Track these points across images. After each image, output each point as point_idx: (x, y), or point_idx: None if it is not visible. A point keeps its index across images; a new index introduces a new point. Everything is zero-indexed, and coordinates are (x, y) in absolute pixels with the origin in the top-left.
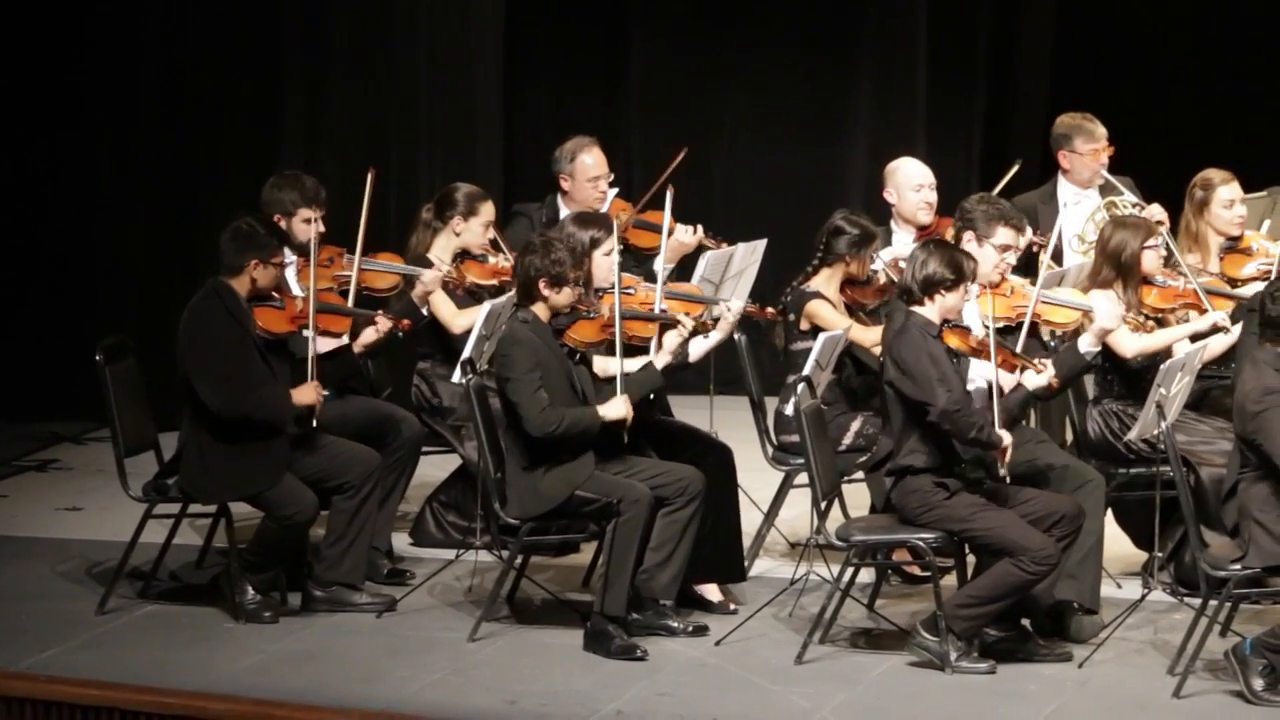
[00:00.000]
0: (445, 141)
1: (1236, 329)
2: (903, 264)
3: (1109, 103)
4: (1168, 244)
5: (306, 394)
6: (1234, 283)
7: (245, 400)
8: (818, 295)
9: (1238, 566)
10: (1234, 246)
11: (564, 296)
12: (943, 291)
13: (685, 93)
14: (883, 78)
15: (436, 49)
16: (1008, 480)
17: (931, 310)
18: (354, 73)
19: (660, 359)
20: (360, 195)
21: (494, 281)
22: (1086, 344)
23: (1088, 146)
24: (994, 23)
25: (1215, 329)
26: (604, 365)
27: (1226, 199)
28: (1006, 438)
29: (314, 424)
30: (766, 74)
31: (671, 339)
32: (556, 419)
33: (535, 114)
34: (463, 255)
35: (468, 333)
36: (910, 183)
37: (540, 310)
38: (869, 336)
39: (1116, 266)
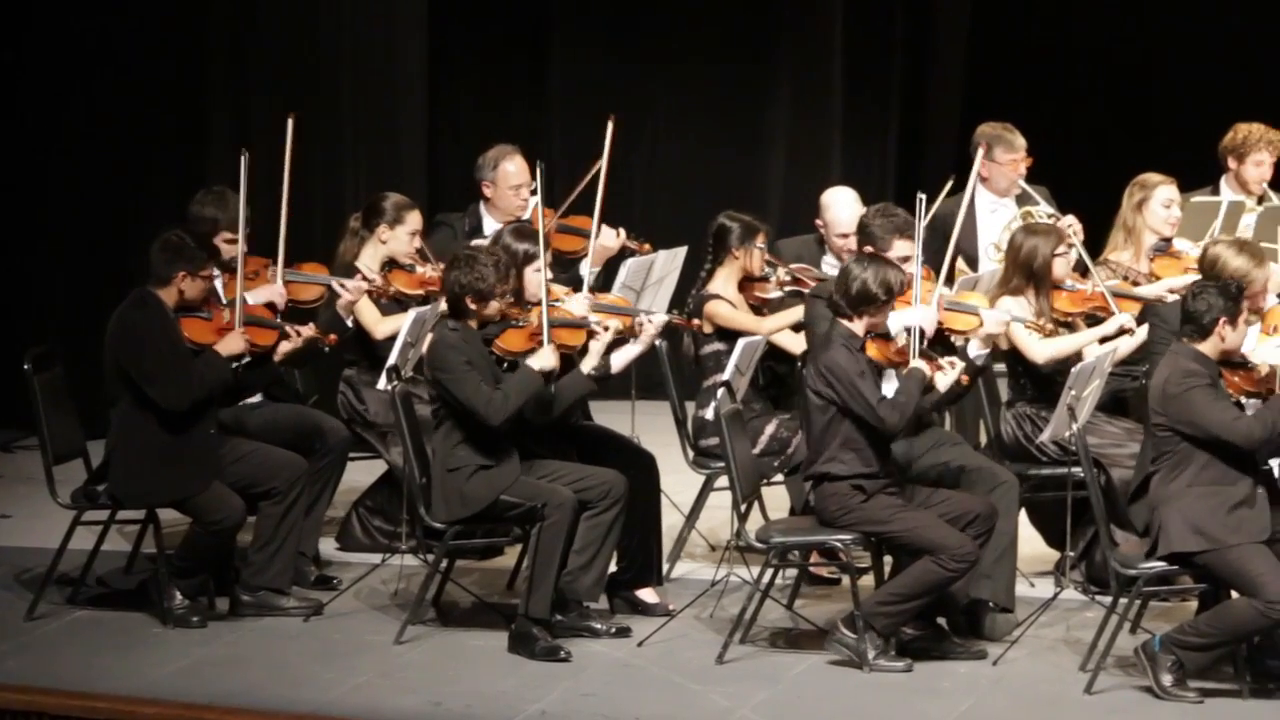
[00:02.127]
0: (370, 151)
1: (1143, 330)
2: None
3: (1021, 110)
4: (1079, 252)
5: (233, 342)
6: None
7: (184, 393)
8: (716, 296)
9: (1147, 565)
10: (1165, 250)
11: (490, 309)
12: (872, 311)
13: (606, 100)
14: (799, 85)
15: (360, 58)
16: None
17: (858, 325)
18: (278, 82)
19: (586, 364)
20: (278, 210)
21: (420, 291)
22: (974, 349)
23: (1007, 156)
24: (909, 30)
25: (1122, 331)
26: (534, 362)
27: (1165, 199)
28: (922, 366)
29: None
30: (686, 81)
31: (597, 345)
32: (503, 399)
33: (459, 122)
34: (390, 264)
35: (392, 340)
36: (838, 228)
37: (469, 320)
38: (795, 343)
39: (1028, 273)
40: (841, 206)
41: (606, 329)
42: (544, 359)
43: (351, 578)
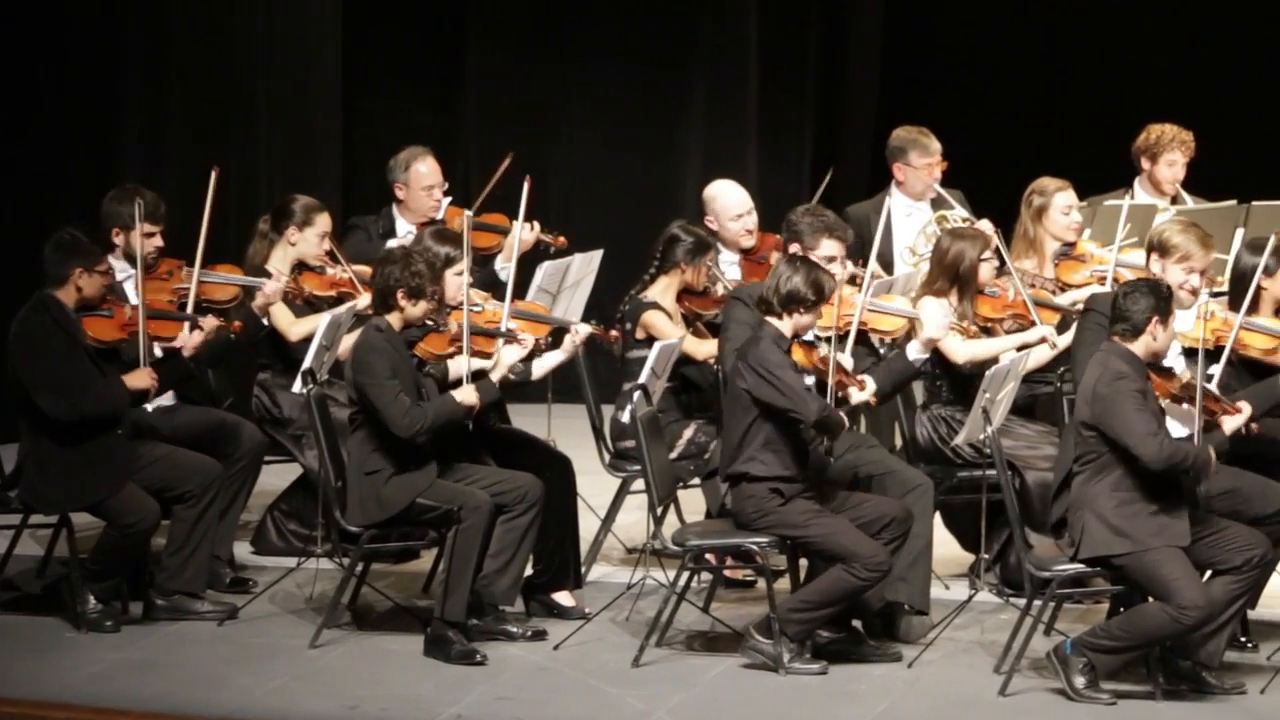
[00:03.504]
0: (284, 153)
1: (1065, 339)
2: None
3: (935, 113)
4: (1003, 256)
5: (140, 378)
6: (1067, 287)
7: (82, 401)
8: (654, 305)
9: (1061, 567)
10: (1068, 253)
11: (420, 309)
12: (801, 310)
13: (522, 102)
14: (715, 88)
15: (275, 60)
16: (833, 460)
17: (786, 325)
18: (193, 85)
19: (496, 372)
20: (200, 206)
21: (332, 293)
22: (914, 351)
23: (922, 160)
24: (823, 34)
25: (1043, 341)
26: (453, 367)
27: (1064, 205)
28: (843, 419)
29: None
30: (602, 85)
31: (512, 353)
32: (421, 416)
33: (374, 124)
34: (300, 266)
35: (307, 342)
36: (729, 212)
37: (394, 319)
38: (703, 349)
39: (954, 277)
40: (729, 191)
41: (522, 341)
42: (467, 395)
43: (266, 581)
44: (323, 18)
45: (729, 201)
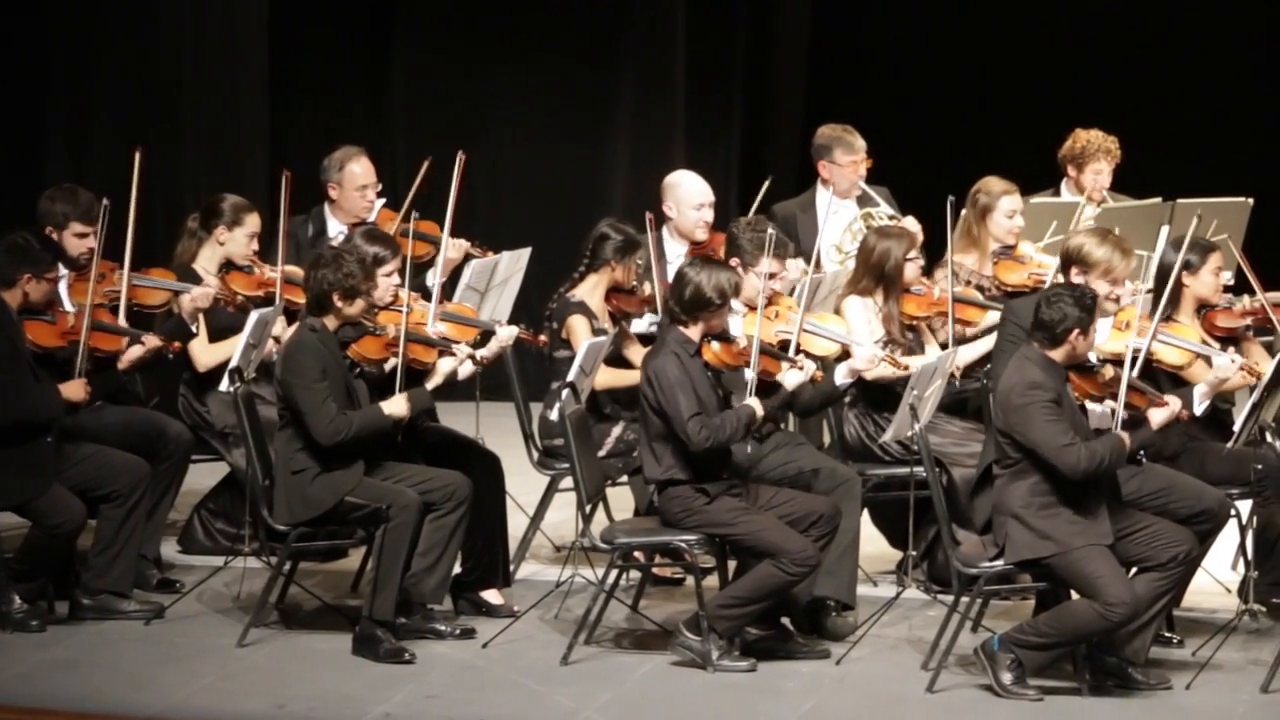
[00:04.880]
0: (211, 153)
1: (988, 341)
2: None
3: (861, 111)
4: (945, 261)
5: (75, 389)
6: (1004, 286)
7: (17, 406)
8: (581, 305)
9: (988, 564)
10: (1008, 254)
11: (356, 308)
12: (708, 315)
13: (449, 100)
14: (643, 88)
15: (201, 60)
16: (760, 444)
17: (694, 330)
18: (118, 86)
19: (431, 382)
20: (126, 206)
21: (260, 293)
22: (840, 376)
23: (847, 158)
24: (751, 34)
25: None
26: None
27: (1009, 209)
28: (758, 407)
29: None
30: (529, 83)
31: (446, 364)
32: (345, 425)
33: (301, 124)
34: (228, 266)
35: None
36: (691, 200)
37: (329, 321)
38: (612, 379)
39: (879, 276)
40: (691, 180)
41: (456, 354)
42: (398, 407)
43: (194, 580)
44: (249, 18)
45: (691, 190)
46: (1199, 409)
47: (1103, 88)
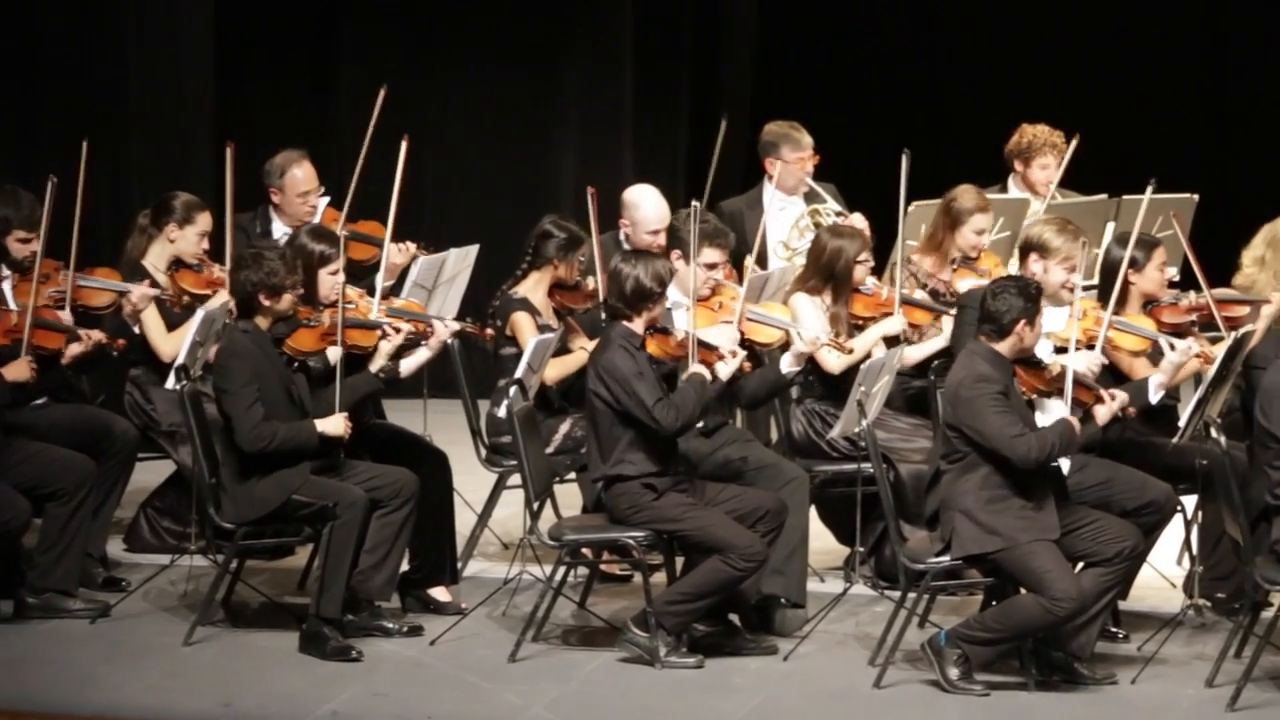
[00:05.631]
0: (158, 152)
1: (938, 340)
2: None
3: (808, 108)
4: (907, 258)
5: (19, 369)
6: (956, 294)
7: None
8: (524, 302)
9: (935, 559)
10: (969, 264)
11: (284, 303)
12: (650, 305)
13: (397, 98)
14: (589, 84)
15: (147, 60)
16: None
17: (638, 322)
18: (63, 84)
19: (374, 363)
20: (72, 204)
21: (208, 291)
22: (787, 364)
23: (794, 154)
24: (698, 31)
25: (905, 331)
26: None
27: (978, 227)
28: (702, 369)
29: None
30: (476, 79)
31: (387, 345)
32: (269, 434)
33: (248, 122)
34: (177, 264)
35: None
36: (648, 225)
37: (261, 320)
38: (553, 372)
39: (828, 275)
40: (648, 205)
41: (398, 330)
42: (334, 425)
43: (140, 579)
44: (195, 15)
45: (648, 215)
46: (1154, 398)
47: (1049, 83)
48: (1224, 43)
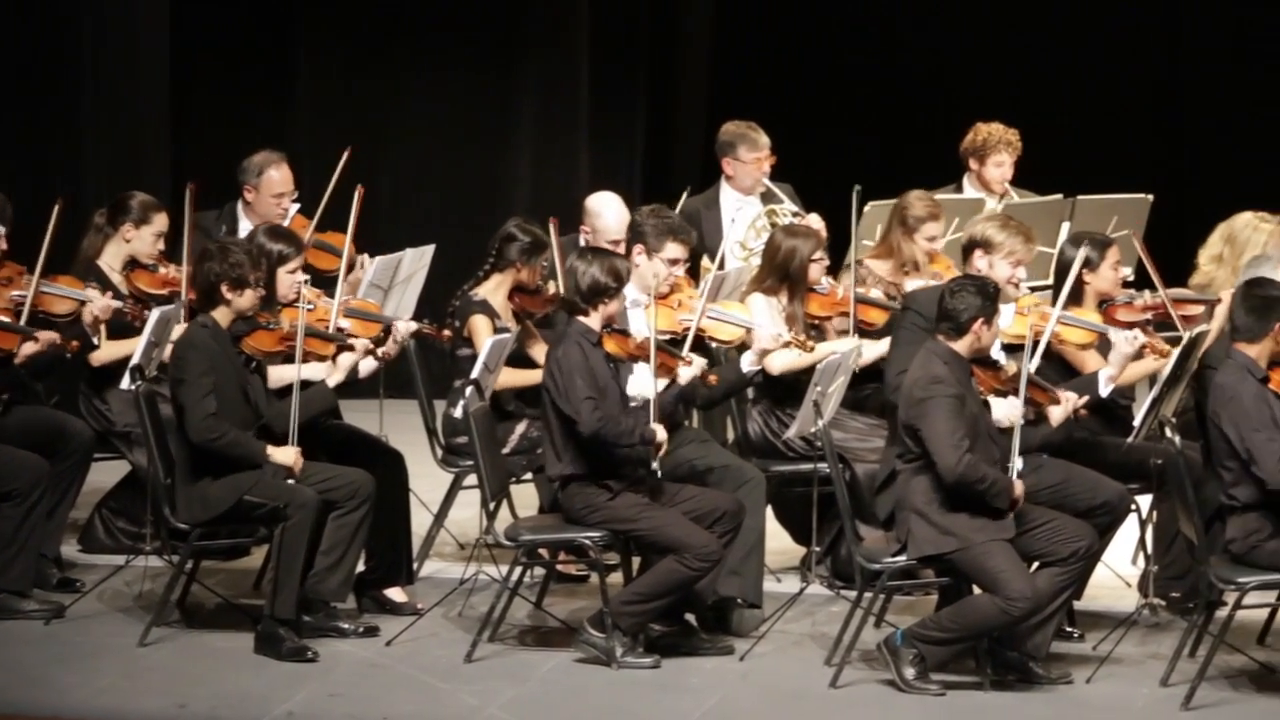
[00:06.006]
0: (111, 152)
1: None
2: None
3: (765, 108)
4: (859, 260)
5: None
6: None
7: None
8: (483, 304)
9: (891, 559)
10: (920, 269)
11: (246, 299)
12: (606, 300)
13: (354, 98)
14: (546, 86)
15: (102, 59)
16: (658, 474)
17: (594, 318)
18: (17, 83)
19: (334, 378)
20: (28, 210)
21: (164, 291)
22: (748, 363)
23: (751, 155)
24: (654, 32)
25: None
26: (279, 374)
27: (930, 234)
28: (661, 433)
29: None
30: (432, 82)
31: (346, 359)
32: (220, 430)
33: (203, 123)
34: (132, 263)
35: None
36: (607, 234)
37: (221, 315)
38: (515, 380)
39: (784, 275)
40: (610, 214)
41: (358, 346)
42: (285, 455)
43: (94, 580)
44: (151, 14)
45: (610, 224)
46: (1104, 390)
47: (1004, 83)
48: (1179, 43)
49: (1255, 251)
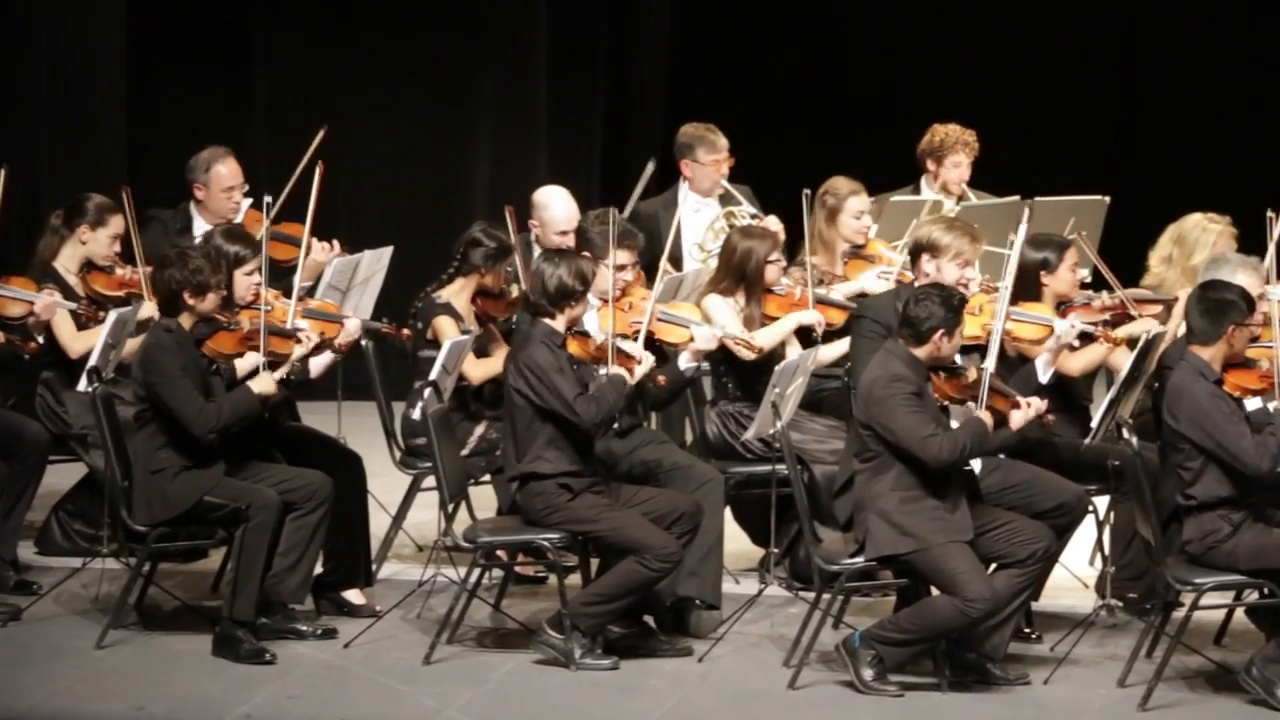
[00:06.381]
0: (66, 152)
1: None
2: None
3: (723, 110)
4: (803, 260)
5: None
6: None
7: None
8: (446, 307)
9: (849, 560)
10: (857, 253)
11: (208, 303)
12: (572, 303)
13: (311, 100)
14: (504, 87)
15: (58, 58)
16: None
17: (560, 321)
18: None
19: (281, 370)
20: None
21: (120, 293)
22: (684, 360)
23: (709, 157)
24: (612, 34)
25: (813, 330)
26: (242, 364)
27: (856, 209)
28: (623, 371)
29: None
30: (391, 82)
31: (297, 351)
32: (216, 413)
33: (159, 121)
34: (88, 265)
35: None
36: (556, 226)
37: (184, 320)
38: (478, 371)
39: (740, 276)
40: (558, 205)
41: (308, 338)
42: (264, 384)
43: (51, 582)
44: (106, 13)
45: (556, 215)
46: (1044, 377)
47: (961, 85)
48: (1135, 46)
49: (1205, 252)
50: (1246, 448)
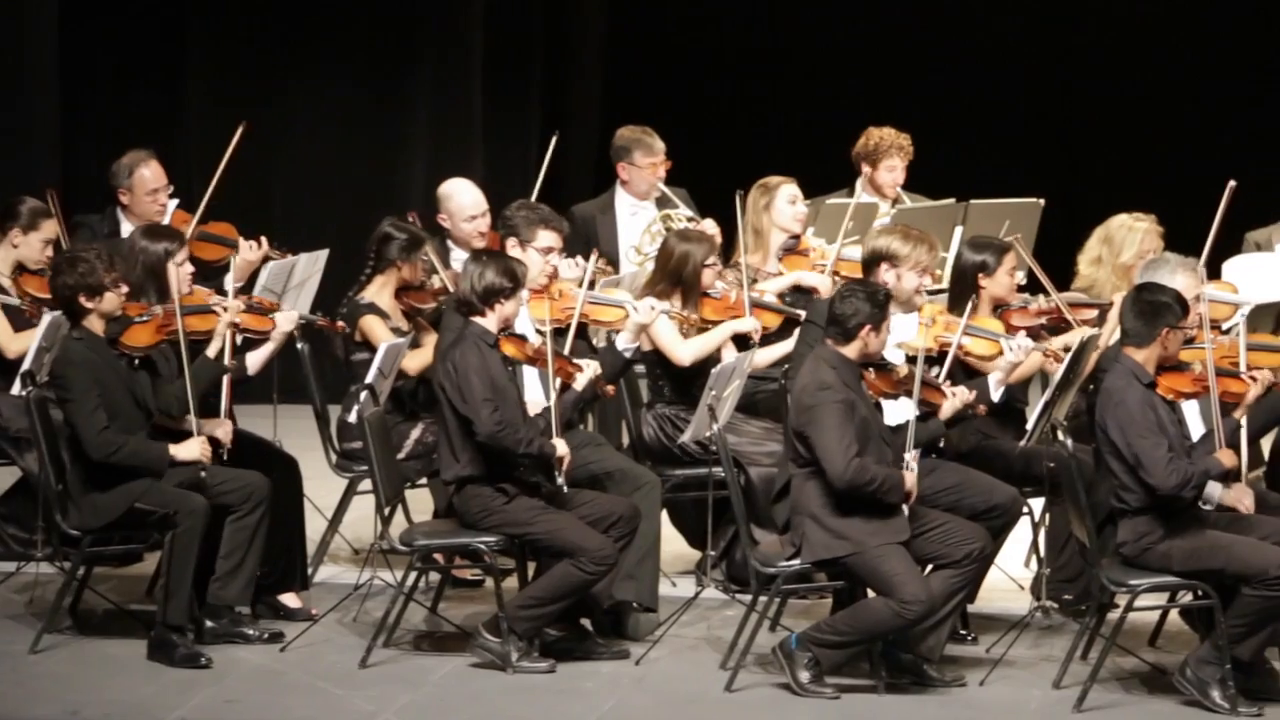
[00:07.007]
0: (1, 156)
1: (787, 343)
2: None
3: (659, 113)
4: (737, 261)
5: None
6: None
7: None
8: (371, 308)
9: (786, 563)
10: (793, 248)
11: (109, 302)
12: (502, 300)
13: (246, 99)
14: (441, 89)
15: None
16: (565, 489)
17: (491, 320)
18: None
19: (212, 347)
20: None
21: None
22: (623, 341)
23: (646, 160)
24: (548, 36)
25: (752, 334)
26: (180, 450)
27: (789, 195)
28: (561, 447)
29: None
30: (327, 83)
31: (220, 324)
32: (116, 442)
33: (92, 123)
34: (20, 269)
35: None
36: (462, 214)
37: (92, 324)
38: (415, 362)
39: (676, 279)
40: (463, 194)
41: (226, 309)
42: (189, 450)
43: None
44: (39, 15)
45: (463, 202)
46: (995, 395)
47: (893, 87)
48: (1068, 49)
49: (1133, 249)
50: (1159, 459)
